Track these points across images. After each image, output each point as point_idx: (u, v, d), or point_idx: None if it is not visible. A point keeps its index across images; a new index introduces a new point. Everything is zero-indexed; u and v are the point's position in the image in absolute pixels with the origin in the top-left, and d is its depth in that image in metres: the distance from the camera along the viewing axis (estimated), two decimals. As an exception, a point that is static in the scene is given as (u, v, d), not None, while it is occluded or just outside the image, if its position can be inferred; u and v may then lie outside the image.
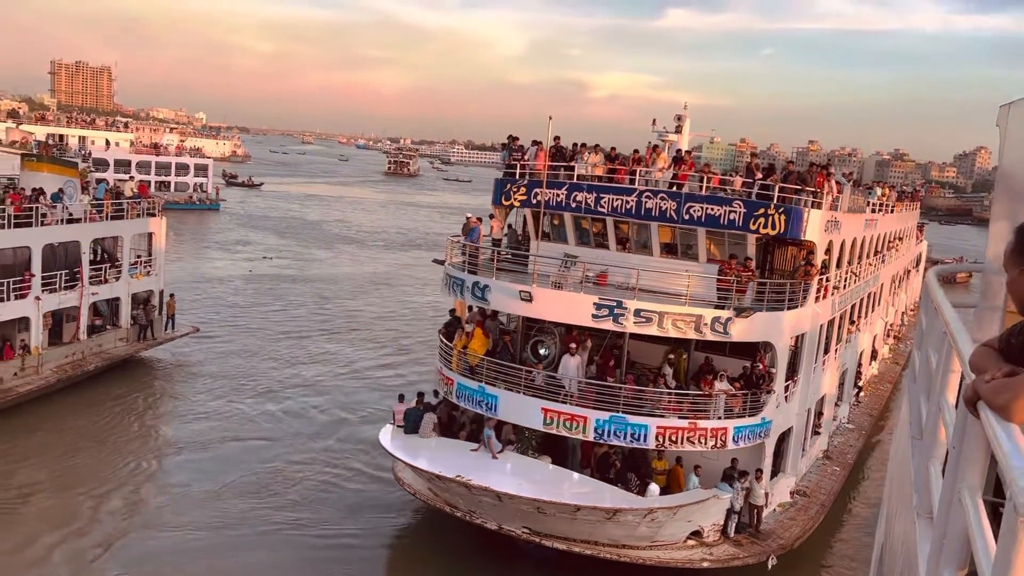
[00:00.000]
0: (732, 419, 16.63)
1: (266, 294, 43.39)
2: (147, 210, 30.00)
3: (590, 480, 16.06)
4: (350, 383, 29.34)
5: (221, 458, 21.73)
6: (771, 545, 17.10)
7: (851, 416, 27.10)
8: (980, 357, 2.36)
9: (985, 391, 2.05)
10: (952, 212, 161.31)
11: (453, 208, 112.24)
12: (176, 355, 30.45)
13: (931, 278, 4.87)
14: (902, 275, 42.43)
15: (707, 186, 19.13)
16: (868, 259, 27.83)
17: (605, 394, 16.32)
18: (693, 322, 16.17)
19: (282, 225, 75.20)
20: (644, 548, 15.90)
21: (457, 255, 19.25)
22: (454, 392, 17.82)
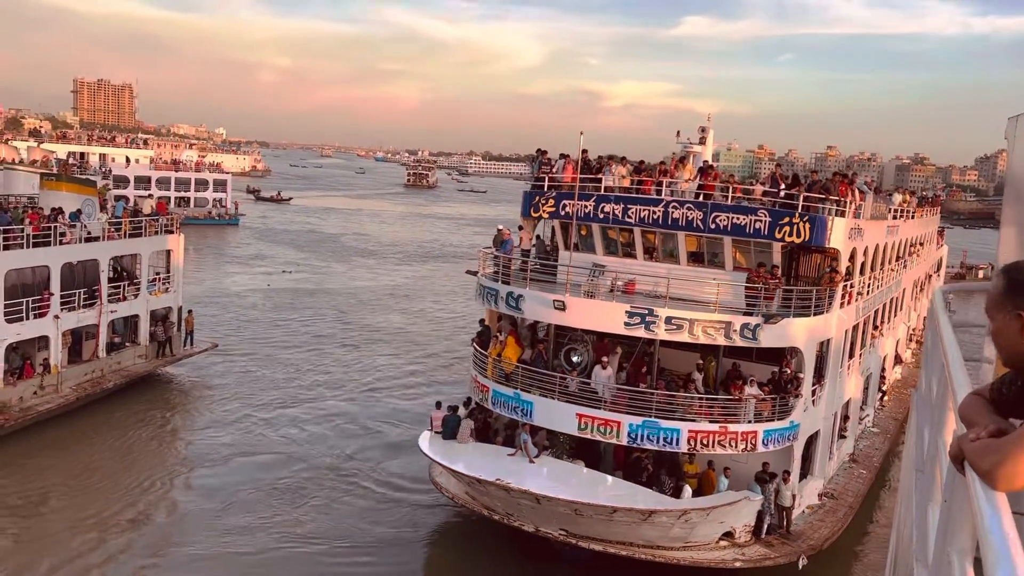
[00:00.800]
0: (762, 423, 17.18)
1: (285, 308, 43.83)
2: (165, 227, 30.31)
3: (624, 483, 16.65)
4: (371, 396, 29.73)
5: (241, 473, 21.98)
6: (801, 546, 17.59)
7: (876, 420, 27.50)
8: (969, 408, 2.23)
9: (969, 452, 1.91)
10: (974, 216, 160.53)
11: (471, 220, 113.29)
12: (195, 371, 30.70)
13: (937, 297, 4.59)
14: (923, 280, 42.78)
15: (732, 196, 19.73)
16: (890, 265, 28.28)
17: (637, 399, 16.92)
18: (723, 328, 16.77)
19: (301, 239, 75.91)
20: (678, 549, 16.46)
21: (490, 266, 19.94)
22: (489, 399, 18.48)
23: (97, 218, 27.76)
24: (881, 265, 26.21)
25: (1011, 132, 4.23)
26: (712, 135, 23.80)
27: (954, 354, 2.95)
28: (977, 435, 1.94)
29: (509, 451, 17.53)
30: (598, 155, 23.76)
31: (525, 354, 18.75)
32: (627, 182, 21.56)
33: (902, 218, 30.80)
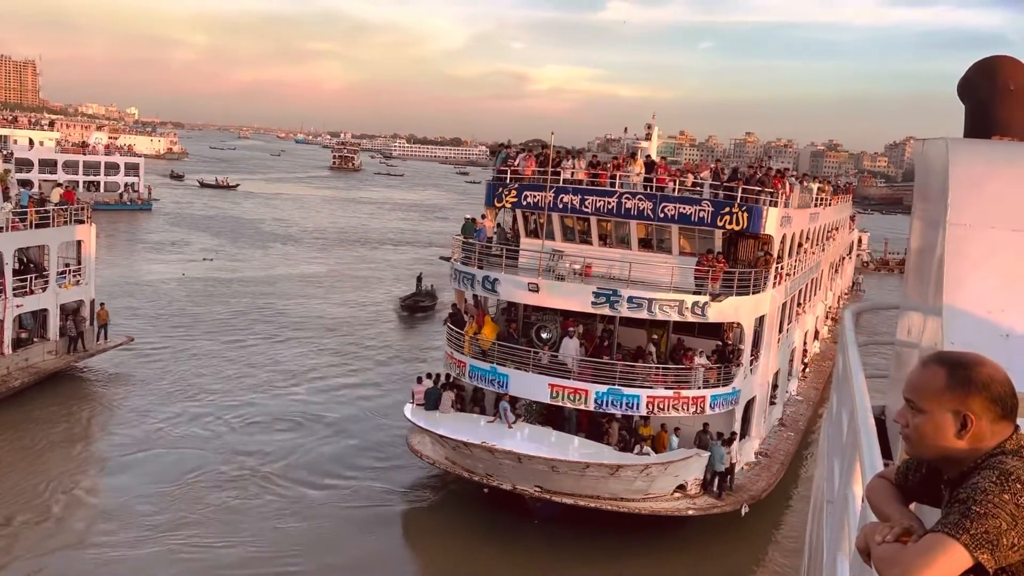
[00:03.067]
0: (709, 388, 19.93)
1: (203, 298, 42.99)
2: (75, 217, 29.17)
3: (592, 443, 19.16)
4: (291, 386, 29.61)
5: (158, 470, 21.74)
6: (743, 496, 20.47)
7: (800, 389, 30.91)
8: (876, 495, 2.22)
9: (876, 558, 1.92)
10: (884, 201, 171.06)
11: (397, 205, 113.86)
12: (109, 367, 29.74)
13: (846, 319, 4.55)
14: (838, 262, 47.06)
15: (678, 188, 22.37)
16: (811, 249, 31.68)
17: (602, 370, 19.41)
18: (676, 306, 19.41)
19: (217, 225, 74.47)
20: (639, 500, 19.08)
21: (465, 252, 22.03)
22: (467, 373, 20.66)
23: (0, 207, 26.64)
24: (804, 249, 29.52)
25: (918, 153, 4.30)
26: (656, 131, 26.44)
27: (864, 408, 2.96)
28: (883, 536, 1.94)
29: (488, 418, 19.79)
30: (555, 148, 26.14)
31: (496, 332, 20.99)
32: (583, 175, 24.00)
33: (821, 206, 34.34)
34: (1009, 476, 1.81)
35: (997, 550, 1.75)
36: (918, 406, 2.00)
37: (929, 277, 3.46)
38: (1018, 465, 1.84)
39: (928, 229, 3.71)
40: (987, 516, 1.76)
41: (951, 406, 1.94)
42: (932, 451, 2.01)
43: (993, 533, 1.75)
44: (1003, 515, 1.76)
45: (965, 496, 1.82)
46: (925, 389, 1.99)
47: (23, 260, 27.74)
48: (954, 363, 1.98)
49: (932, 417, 1.96)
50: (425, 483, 22.06)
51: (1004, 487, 1.79)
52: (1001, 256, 3.21)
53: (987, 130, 3.75)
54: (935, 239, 3.37)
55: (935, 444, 1.98)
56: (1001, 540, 1.75)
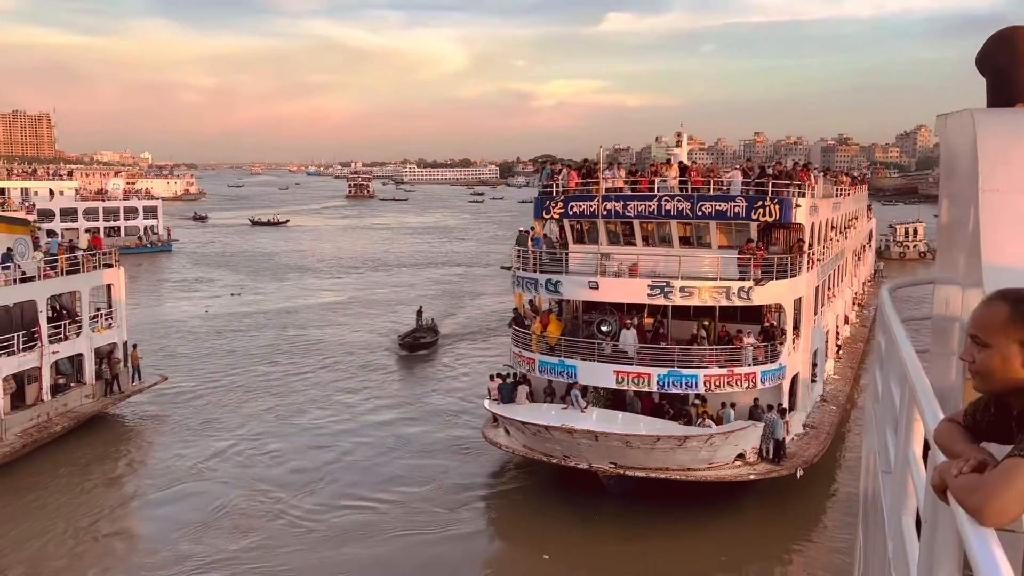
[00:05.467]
0: (758, 365, 22.30)
1: (228, 333, 44.45)
2: (104, 261, 30.29)
3: (657, 420, 21.55)
4: (325, 413, 30.70)
5: (200, 502, 22.53)
6: (797, 461, 22.74)
7: (836, 369, 33.15)
8: (946, 437, 2.27)
9: (955, 489, 1.96)
10: (899, 191, 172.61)
11: (413, 228, 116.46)
12: (146, 407, 30.62)
13: (885, 296, 4.67)
14: (860, 250, 49.37)
15: (715, 186, 24.86)
16: (836, 236, 34.05)
17: (660, 354, 21.85)
18: (723, 292, 21.87)
19: (239, 260, 76.70)
20: (704, 469, 21.40)
21: (521, 261, 24.59)
22: (536, 368, 23.14)
23: (31, 257, 27.60)
24: (830, 237, 31.88)
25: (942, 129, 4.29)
26: (686, 138, 29.03)
27: (916, 370, 3.00)
28: (960, 469, 1.99)
29: (562, 406, 22.25)
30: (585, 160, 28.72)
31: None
32: (622, 183, 26.56)
33: (842, 196, 36.76)
34: None
35: None
36: (984, 341, 2.09)
37: (963, 248, 3.54)
38: None
39: (958, 202, 3.81)
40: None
41: (1017, 337, 2.04)
42: (1000, 383, 2.09)
43: None
44: None
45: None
46: (990, 324, 2.08)
47: (56, 307, 28.42)
48: (1016, 298, 2.08)
49: (999, 350, 2.06)
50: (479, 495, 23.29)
51: None
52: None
53: (1010, 99, 3.85)
54: (966, 212, 3.47)
55: (1004, 376, 2.07)
56: None
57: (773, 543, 21.39)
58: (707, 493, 21.93)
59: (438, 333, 41.84)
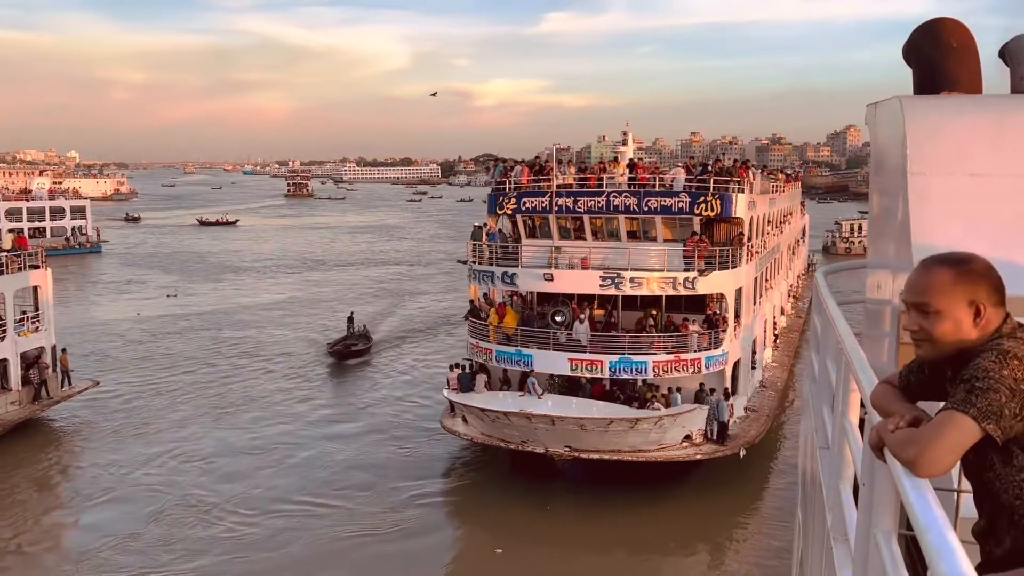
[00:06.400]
0: (703, 351, 23.75)
1: (161, 335, 43.41)
2: (30, 262, 29.29)
3: (610, 404, 22.80)
4: (257, 416, 30.15)
5: (139, 512, 21.98)
6: (740, 442, 24.25)
7: (774, 357, 35.03)
8: (882, 398, 2.37)
9: (891, 443, 2.05)
10: (830, 189, 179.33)
11: (354, 227, 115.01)
12: (77, 413, 29.86)
13: (820, 280, 4.68)
14: (794, 244, 51.81)
15: (659, 183, 26.26)
16: (773, 231, 35.98)
17: (611, 342, 23.12)
18: (670, 282, 23.25)
19: (173, 261, 75.22)
20: (654, 450, 22.73)
21: (477, 255, 25.60)
22: (493, 358, 24.16)
23: None
24: (767, 231, 33.73)
25: (871, 118, 4.39)
26: (631, 136, 30.41)
27: (851, 342, 3.03)
28: (896, 425, 2.08)
29: (519, 393, 23.32)
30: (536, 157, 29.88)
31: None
32: (571, 180, 27.76)
33: (777, 192, 38.77)
34: (1007, 354, 2.00)
35: (1002, 420, 1.92)
36: (931, 307, 2.12)
37: (894, 231, 3.64)
38: (1014, 344, 2.04)
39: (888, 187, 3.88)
40: (989, 391, 1.93)
41: (966, 297, 2.09)
42: (952, 347, 2.12)
43: (996, 405, 1.92)
44: (1003, 389, 1.94)
45: (969, 376, 2.00)
46: (937, 288, 2.11)
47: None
48: (955, 259, 2.13)
49: (950, 313, 2.10)
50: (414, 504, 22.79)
51: (1003, 364, 1.97)
52: (960, 199, 3.43)
53: (935, 87, 3.94)
54: (896, 195, 3.56)
55: (956, 339, 2.11)
56: (1004, 411, 1.92)
57: (719, 518, 22.56)
58: (657, 473, 23.27)
59: (371, 340, 39.88)
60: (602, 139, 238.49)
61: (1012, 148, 3.56)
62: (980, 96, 4.00)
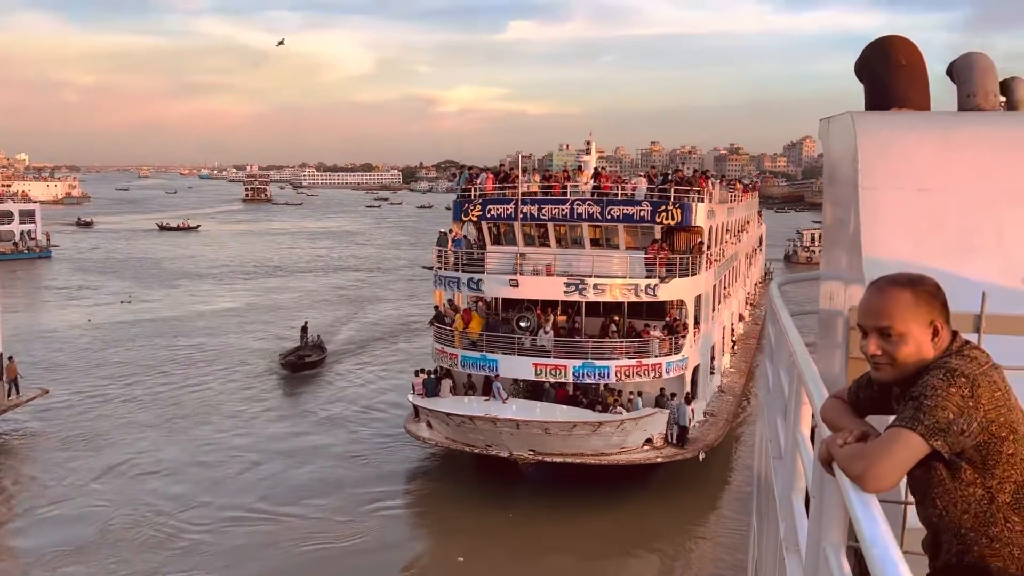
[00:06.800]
0: (664, 356, 24.38)
1: (113, 342, 42.40)
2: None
3: (573, 408, 23.28)
4: (219, 426, 29.66)
5: (89, 525, 21.45)
6: (699, 445, 24.89)
7: (732, 363, 35.91)
8: (831, 412, 2.38)
9: (839, 458, 2.06)
10: (787, 199, 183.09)
11: (313, 233, 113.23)
12: (26, 423, 29.16)
13: (774, 291, 4.73)
14: (751, 253, 53.09)
15: (622, 192, 26.90)
16: (731, 239, 36.95)
17: (575, 347, 23.64)
18: (632, 289, 23.85)
19: (126, 267, 73.59)
20: (616, 454, 23.25)
21: (442, 261, 25.94)
22: (459, 363, 24.49)
23: None
24: (725, 239, 34.66)
25: (824, 133, 4.43)
26: (595, 146, 31.04)
27: (803, 354, 3.04)
28: (844, 439, 2.09)
29: (484, 398, 23.69)
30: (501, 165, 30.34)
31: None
32: (536, 187, 28.28)
33: (735, 202, 39.81)
34: (954, 372, 2.03)
35: (949, 436, 1.97)
36: (894, 330, 2.13)
37: (846, 244, 3.68)
38: (961, 363, 2.06)
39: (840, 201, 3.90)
40: (937, 408, 1.98)
41: (926, 318, 2.11)
42: (913, 367, 2.13)
43: (944, 422, 1.97)
44: (951, 406, 1.98)
45: (917, 393, 2.03)
46: (898, 311, 2.12)
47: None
48: (909, 280, 2.15)
49: (912, 335, 2.11)
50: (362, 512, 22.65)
51: (951, 382, 2.01)
52: (910, 214, 3.48)
53: (886, 104, 4.03)
54: (848, 209, 3.61)
55: (917, 360, 2.12)
56: (951, 428, 1.97)
57: (680, 520, 23.00)
58: (619, 476, 23.80)
59: (325, 350, 38.47)
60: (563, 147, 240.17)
61: (959, 164, 3.64)
62: (928, 113, 4.10)
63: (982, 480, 2.07)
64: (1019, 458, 2.06)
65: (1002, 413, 2.04)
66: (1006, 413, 2.04)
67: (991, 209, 3.55)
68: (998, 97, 4.33)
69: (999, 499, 2.07)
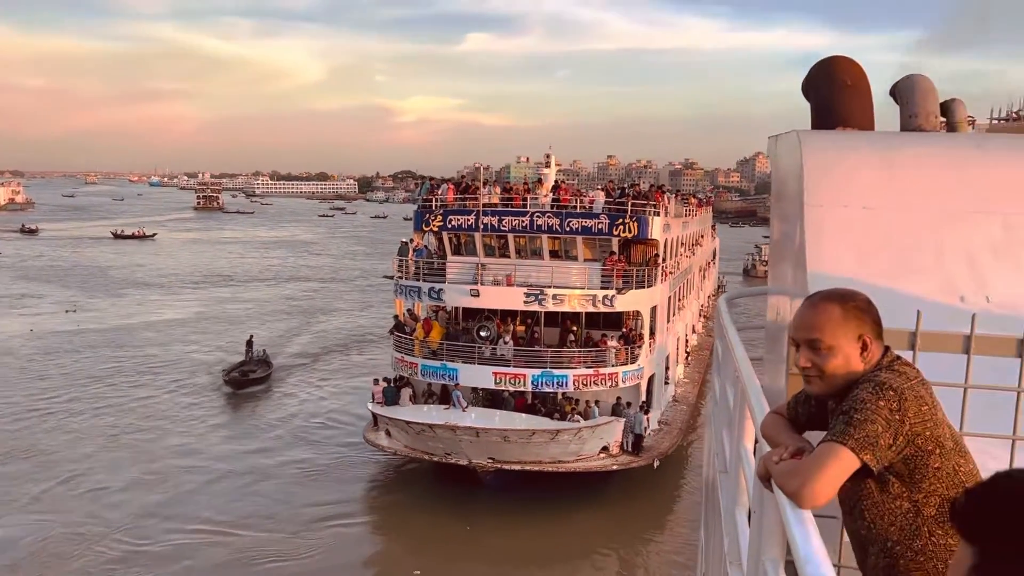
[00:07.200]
0: (620, 366, 24.99)
1: (58, 353, 41.10)
2: None
3: (531, 416, 23.72)
4: (164, 440, 28.88)
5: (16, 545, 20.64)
6: (653, 453, 25.52)
7: (686, 374, 36.78)
8: (770, 428, 2.40)
9: (775, 474, 2.08)
10: (740, 214, 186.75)
11: (266, 242, 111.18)
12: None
13: (722, 306, 4.78)
14: (705, 266, 54.35)
15: (581, 205, 27.55)
16: (686, 252, 37.90)
17: (534, 357, 24.12)
18: (590, 300, 24.42)
19: (72, 275, 71.31)
20: (573, 461, 23.74)
21: (403, 270, 26.24)
22: (419, 372, 24.77)
23: None
24: (680, 252, 35.56)
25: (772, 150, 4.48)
26: (554, 159, 31.70)
27: (747, 370, 3.05)
28: (780, 456, 2.12)
29: (443, 406, 24.00)
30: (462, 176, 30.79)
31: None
32: (496, 199, 28.79)
33: (690, 216, 40.83)
34: (884, 385, 2.06)
35: (877, 449, 2.00)
36: (823, 343, 2.17)
37: (791, 262, 3.75)
38: (890, 376, 2.10)
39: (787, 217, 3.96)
40: (866, 422, 2.01)
41: (855, 333, 2.15)
42: (843, 380, 2.17)
43: (873, 436, 2.00)
44: (879, 420, 2.01)
45: (848, 407, 2.06)
46: (827, 324, 2.16)
47: None
48: (840, 296, 2.20)
49: (841, 348, 2.15)
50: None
51: (880, 395, 2.04)
52: (853, 231, 3.53)
53: (831, 123, 4.09)
54: (794, 226, 3.66)
55: (846, 373, 2.16)
56: (879, 441, 2.00)
57: (635, 526, 23.38)
58: (576, 483, 24.30)
59: (271, 366, 37.01)
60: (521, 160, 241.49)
61: (901, 183, 3.69)
62: (872, 132, 4.15)
63: (909, 494, 2.10)
64: (944, 472, 2.08)
65: (928, 427, 2.06)
66: (932, 428, 2.07)
67: (931, 229, 3.61)
68: (938, 118, 4.41)
69: (924, 512, 2.10)
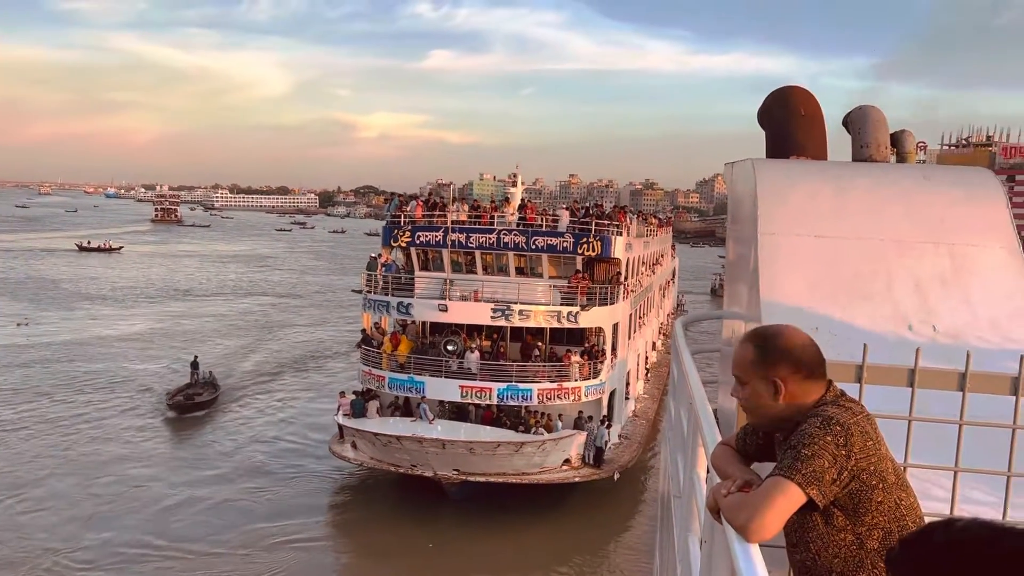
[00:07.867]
0: (583, 381, 25.81)
1: (4, 368, 39.96)
2: None
3: (497, 429, 24.36)
4: (113, 456, 28.34)
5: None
6: (614, 466, 26.30)
7: (645, 389, 37.78)
8: (720, 460, 2.42)
9: (724, 508, 2.09)
10: (699, 234, 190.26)
11: (224, 256, 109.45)
12: None
13: (677, 330, 4.74)
14: (665, 285, 55.72)
15: (547, 224, 28.44)
16: (646, 271, 39.05)
17: (500, 371, 24.85)
18: (555, 316, 25.23)
19: (22, 288, 69.48)
20: (536, 473, 24.42)
21: (375, 284, 26.81)
22: (386, 385, 25.30)
23: None
24: (641, 271, 36.66)
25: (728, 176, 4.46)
26: (520, 178, 32.59)
27: (700, 397, 3.06)
28: (728, 489, 2.14)
29: (410, 419, 24.57)
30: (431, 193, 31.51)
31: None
32: (464, 216, 29.57)
33: (651, 236, 42.07)
34: (830, 420, 2.09)
35: (823, 484, 2.02)
36: (741, 379, 2.31)
37: (746, 284, 3.74)
38: (836, 412, 2.13)
39: (741, 242, 3.97)
40: (814, 457, 2.04)
41: (762, 375, 2.24)
42: (759, 415, 2.30)
43: (819, 471, 2.03)
44: (826, 455, 2.04)
45: (795, 441, 2.10)
46: (742, 364, 2.30)
47: None
48: (759, 337, 2.30)
49: (752, 386, 2.27)
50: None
51: (826, 430, 2.07)
52: (806, 259, 3.60)
53: (785, 151, 4.17)
54: (748, 251, 3.68)
55: (759, 409, 2.28)
56: (825, 477, 2.03)
57: (596, 536, 23.85)
58: (539, 495, 24.97)
59: (217, 388, 35.33)
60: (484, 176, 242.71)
61: (852, 213, 3.75)
62: (825, 162, 4.24)
63: (852, 527, 2.13)
64: (887, 506, 2.12)
65: (872, 462, 2.10)
66: (876, 462, 2.10)
67: (881, 257, 3.64)
68: (889, 148, 4.48)
69: (868, 545, 2.13)
